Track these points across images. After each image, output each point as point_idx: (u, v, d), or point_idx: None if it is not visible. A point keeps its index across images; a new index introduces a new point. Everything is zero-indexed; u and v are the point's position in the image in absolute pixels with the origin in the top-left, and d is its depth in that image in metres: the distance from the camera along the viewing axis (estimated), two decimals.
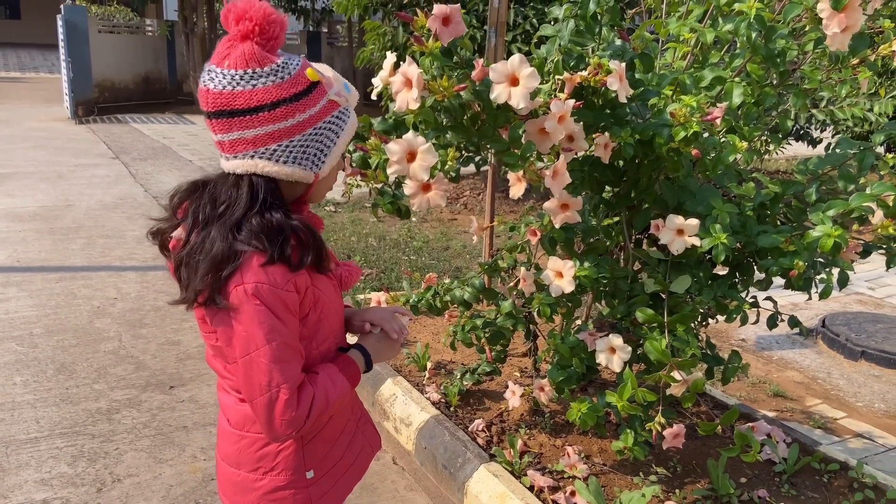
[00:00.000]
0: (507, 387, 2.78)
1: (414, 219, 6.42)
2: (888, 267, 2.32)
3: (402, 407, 2.98)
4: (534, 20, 5.81)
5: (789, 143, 8.10)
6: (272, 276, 1.09)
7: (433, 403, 2.94)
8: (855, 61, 2.11)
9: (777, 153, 8.63)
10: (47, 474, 2.64)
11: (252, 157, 1.11)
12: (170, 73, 15.16)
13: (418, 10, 1.62)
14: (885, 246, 2.28)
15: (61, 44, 12.40)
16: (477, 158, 2.30)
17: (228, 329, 1.12)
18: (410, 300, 2.63)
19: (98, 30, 13.28)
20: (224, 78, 1.08)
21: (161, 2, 16.43)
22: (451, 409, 2.94)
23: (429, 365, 3.26)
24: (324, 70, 1.18)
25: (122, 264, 4.99)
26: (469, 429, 2.78)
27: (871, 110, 6.73)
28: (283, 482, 1.26)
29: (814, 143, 8.33)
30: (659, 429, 2.09)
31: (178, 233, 1.17)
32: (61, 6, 12.33)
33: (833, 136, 8.08)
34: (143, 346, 3.74)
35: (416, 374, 3.26)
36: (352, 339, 1.40)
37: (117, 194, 7.03)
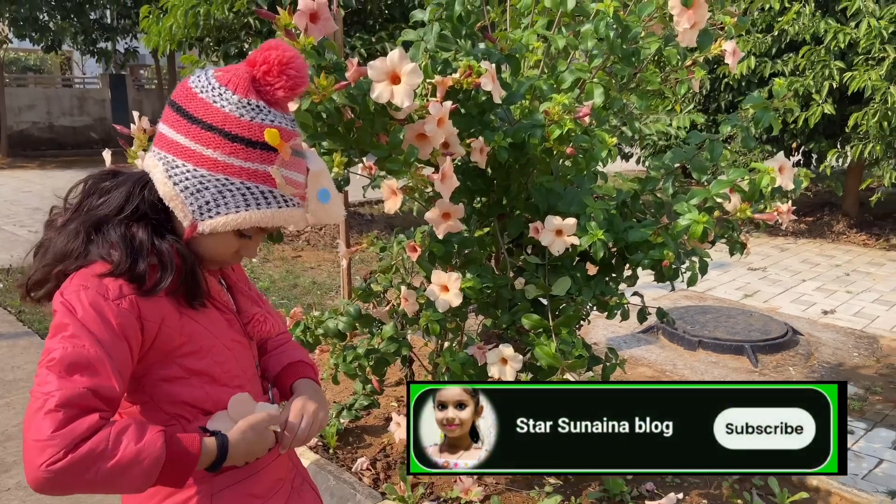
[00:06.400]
0: (385, 420, 2.63)
1: (255, 260, 6.06)
2: (731, 254, 2.51)
3: None
4: (362, 50, 5.80)
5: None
6: (104, 286, 0.97)
7: (310, 448, 2.71)
8: (689, 62, 2.27)
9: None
10: None
11: (158, 157, 1.02)
12: None
13: (279, 9, 1.48)
14: (726, 235, 2.46)
15: None
16: (339, 179, 2.17)
17: None
18: None
19: None
20: (202, 81, 1.01)
21: None
22: (331, 451, 2.72)
23: None
24: (311, 162, 1.06)
25: None
26: (353, 469, 2.59)
27: (670, 125, 7.52)
28: None
29: (626, 157, 9.09)
30: None
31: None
32: None
33: (641, 150, 8.90)
34: None
35: None
36: None
37: None
